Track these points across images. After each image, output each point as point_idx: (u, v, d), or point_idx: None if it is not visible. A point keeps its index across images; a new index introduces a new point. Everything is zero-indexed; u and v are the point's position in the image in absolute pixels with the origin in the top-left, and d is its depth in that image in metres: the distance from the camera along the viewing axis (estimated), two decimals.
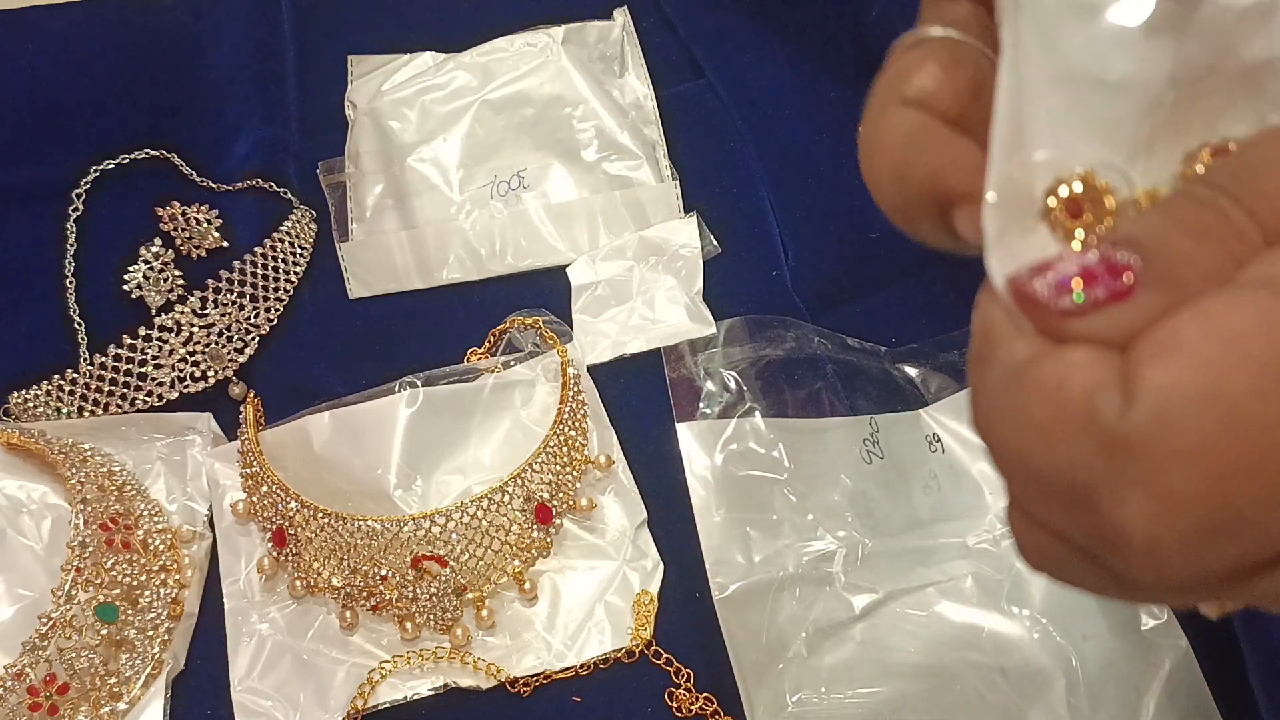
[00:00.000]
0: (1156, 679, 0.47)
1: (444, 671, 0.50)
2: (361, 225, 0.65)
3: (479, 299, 0.62)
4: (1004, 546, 0.51)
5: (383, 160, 0.66)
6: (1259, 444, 0.19)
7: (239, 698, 0.49)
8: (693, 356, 0.56)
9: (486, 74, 0.67)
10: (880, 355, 0.57)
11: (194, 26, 0.72)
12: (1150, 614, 0.49)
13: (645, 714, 0.49)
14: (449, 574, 0.50)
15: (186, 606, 0.52)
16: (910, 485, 0.53)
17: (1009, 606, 0.50)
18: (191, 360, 0.57)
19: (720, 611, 0.50)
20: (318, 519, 0.50)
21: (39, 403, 0.56)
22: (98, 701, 0.48)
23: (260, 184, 0.65)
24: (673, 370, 0.56)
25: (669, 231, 0.62)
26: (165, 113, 0.69)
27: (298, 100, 0.69)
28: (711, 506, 0.52)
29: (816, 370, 0.56)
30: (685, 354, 0.56)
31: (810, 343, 0.56)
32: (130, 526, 0.51)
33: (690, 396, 0.55)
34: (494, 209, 0.64)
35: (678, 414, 0.54)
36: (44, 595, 0.50)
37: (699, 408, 0.55)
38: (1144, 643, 0.48)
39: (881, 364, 0.57)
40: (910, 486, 0.53)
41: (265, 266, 0.60)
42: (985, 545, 0.51)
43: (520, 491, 0.51)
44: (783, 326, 0.57)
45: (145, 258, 0.61)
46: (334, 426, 0.54)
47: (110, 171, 0.66)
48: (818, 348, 0.56)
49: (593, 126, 0.66)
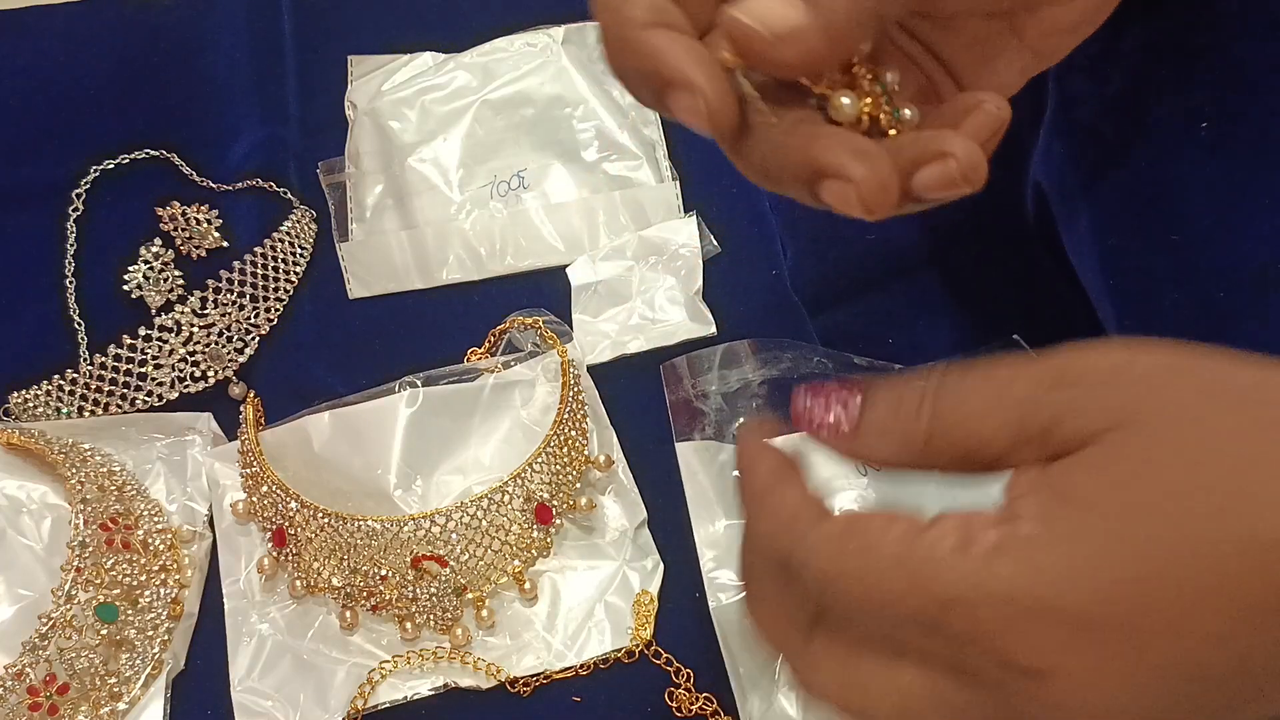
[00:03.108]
0: None
1: (444, 671, 0.50)
2: (361, 225, 0.65)
3: (479, 299, 0.62)
4: None
5: (383, 160, 0.66)
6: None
7: (239, 698, 0.49)
8: (690, 379, 0.57)
9: (486, 74, 0.67)
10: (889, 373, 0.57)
11: (194, 26, 0.72)
12: None
13: (645, 714, 0.49)
14: (449, 574, 0.50)
15: (186, 606, 0.52)
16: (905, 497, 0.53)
17: None
18: (191, 360, 0.57)
19: (717, 621, 0.50)
20: (318, 519, 0.50)
21: (39, 403, 0.56)
22: (98, 701, 0.48)
23: (260, 184, 0.65)
24: (671, 393, 0.56)
25: (669, 231, 0.62)
26: (165, 113, 0.69)
27: (298, 100, 0.69)
28: (709, 519, 0.52)
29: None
30: (684, 376, 0.57)
31: (808, 363, 0.57)
32: (130, 526, 0.51)
33: (688, 417, 0.56)
34: (494, 209, 0.64)
35: (676, 434, 0.55)
36: (44, 595, 0.50)
37: (696, 429, 0.55)
38: None
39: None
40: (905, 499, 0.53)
41: (265, 266, 0.60)
42: None
43: (520, 491, 0.51)
44: (779, 348, 0.57)
45: (145, 258, 0.61)
46: (334, 426, 0.54)
47: (110, 171, 0.66)
48: (816, 367, 0.57)
49: (593, 126, 0.66)
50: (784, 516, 0.28)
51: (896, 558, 0.26)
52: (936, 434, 0.28)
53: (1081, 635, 0.24)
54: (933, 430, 0.28)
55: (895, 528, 0.26)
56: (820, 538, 0.27)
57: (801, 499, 0.29)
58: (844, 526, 0.27)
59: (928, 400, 0.28)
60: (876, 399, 0.29)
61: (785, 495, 0.29)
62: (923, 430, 0.28)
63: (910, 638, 0.26)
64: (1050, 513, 0.25)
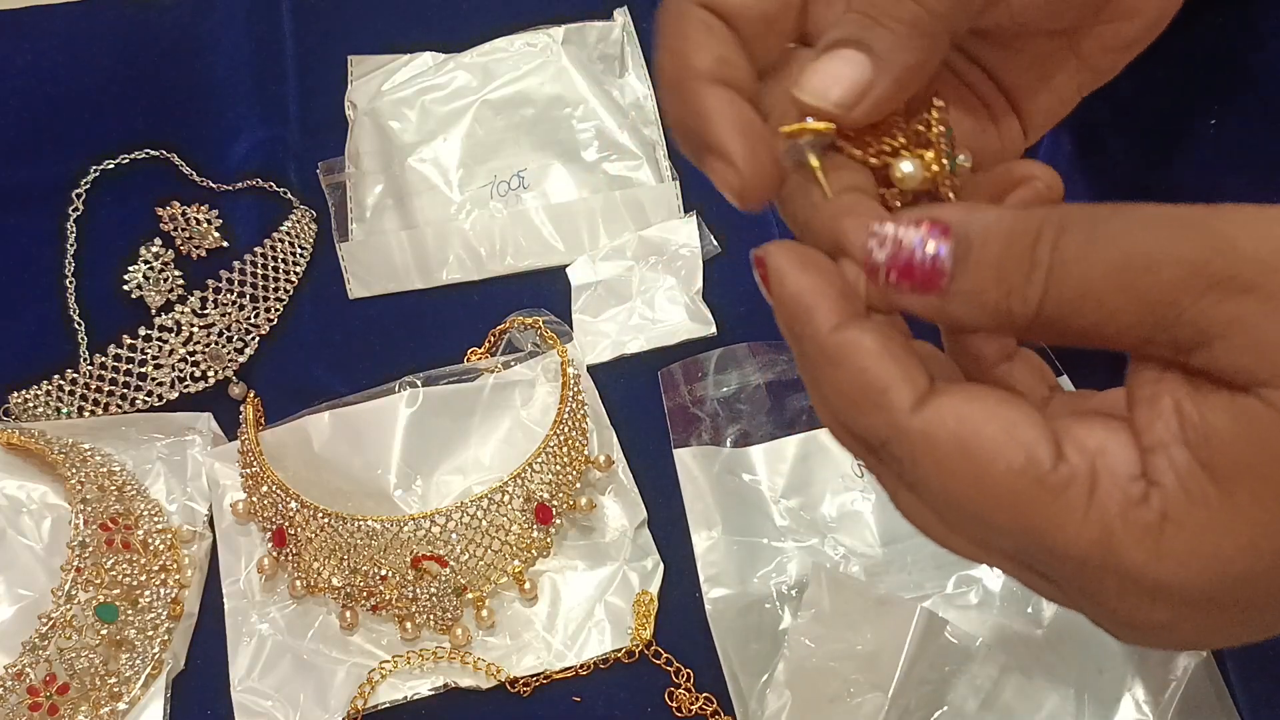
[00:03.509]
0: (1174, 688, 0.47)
1: (444, 671, 0.50)
2: (361, 225, 0.65)
3: (479, 299, 0.62)
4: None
5: (383, 160, 0.66)
6: None
7: (239, 698, 0.49)
8: (686, 385, 0.57)
9: (486, 74, 0.67)
10: None
11: (194, 26, 0.72)
12: None
13: (645, 714, 0.49)
14: (449, 574, 0.50)
15: (186, 606, 0.52)
16: None
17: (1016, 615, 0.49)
18: (191, 360, 0.57)
19: (714, 627, 0.50)
20: (318, 519, 0.50)
21: (39, 403, 0.56)
22: (98, 701, 0.48)
23: (260, 184, 0.65)
24: (669, 399, 0.56)
25: (669, 231, 0.62)
26: (165, 113, 0.69)
27: (298, 100, 0.69)
28: (707, 525, 0.52)
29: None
30: (680, 382, 0.57)
31: None
32: (130, 526, 0.51)
33: (685, 423, 0.56)
34: (494, 209, 0.64)
35: (674, 440, 0.55)
36: (44, 595, 0.50)
37: (693, 434, 0.55)
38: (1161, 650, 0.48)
39: None
40: None
41: (265, 266, 0.60)
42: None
43: (520, 491, 0.51)
44: (774, 351, 0.57)
45: (145, 258, 0.61)
46: (334, 426, 0.54)
47: (110, 171, 0.66)
48: None
49: (593, 126, 0.66)
50: (871, 390, 0.24)
51: (1014, 496, 0.23)
52: (1050, 304, 0.23)
53: (1195, 610, 0.23)
54: (1046, 299, 0.23)
55: (1013, 458, 0.23)
56: (922, 446, 0.23)
57: (889, 365, 0.24)
58: (954, 445, 0.23)
59: (1043, 258, 0.23)
60: (974, 242, 0.23)
61: (866, 357, 0.24)
62: (1034, 297, 0.23)
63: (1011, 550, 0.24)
64: (1193, 489, 0.22)
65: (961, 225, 0.23)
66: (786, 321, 0.25)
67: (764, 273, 0.26)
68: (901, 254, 0.24)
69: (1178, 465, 0.22)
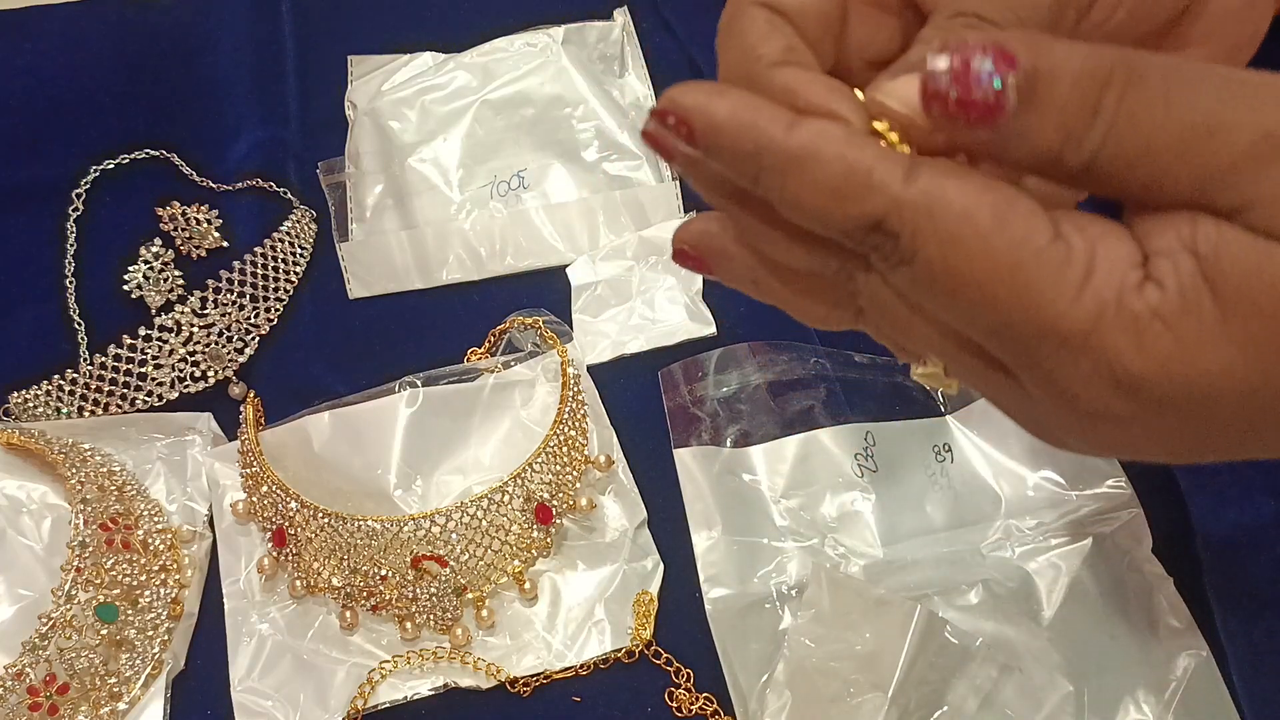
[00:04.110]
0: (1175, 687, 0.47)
1: (444, 671, 0.50)
2: (361, 225, 0.65)
3: (479, 299, 0.62)
4: (1016, 553, 0.51)
5: (383, 160, 0.66)
6: None
7: (239, 698, 0.49)
8: (687, 385, 0.57)
9: (486, 74, 0.67)
10: (892, 369, 0.57)
11: (194, 26, 0.73)
12: (1169, 621, 0.48)
13: (645, 714, 0.49)
14: (449, 574, 0.50)
15: (186, 606, 0.52)
16: (905, 497, 0.53)
17: (1017, 615, 0.49)
18: (191, 360, 0.57)
19: (714, 627, 0.50)
20: (318, 519, 0.50)
21: (39, 403, 0.56)
22: (98, 701, 0.48)
23: (260, 184, 0.65)
24: (669, 399, 0.56)
25: (669, 231, 0.62)
26: (165, 113, 0.69)
27: (298, 100, 0.69)
28: (707, 525, 0.52)
29: (809, 390, 0.56)
30: (680, 382, 0.57)
31: (805, 364, 0.57)
32: (130, 526, 0.51)
33: (685, 423, 0.56)
34: (494, 209, 0.64)
35: (674, 440, 0.55)
36: (44, 595, 0.50)
37: (693, 434, 0.55)
38: (1162, 650, 0.48)
39: (891, 377, 0.57)
40: (905, 498, 0.53)
41: (265, 266, 0.60)
42: (991, 554, 0.51)
43: (520, 491, 0.51)
44: (776, 350, 0.57)
45: (145, 258, 0.61)
46: (334, 426, 0.54)
47: (110, 171, 0.66)
48: (813, 368, 0.57)
49: (593, 127, 0.66)
50: (856, 172, 0.23)
51: (1012, 268, 0.22)
52: (1105, 159, 0.22)
53: (1154, 413, 0.23)
54: (1102, 152, 0.22)
55: (1014, 229, 0.22)
56: (924, 214, 0.22)
57: (866, 145, 0.23)
58: (957, 214, 0.22)
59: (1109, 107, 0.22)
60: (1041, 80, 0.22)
61: (838, 143, 0.23)
62: (1090, 149, 0.22)
63: (982, 338, 0.24)
64: (1190, 298, 0.22)
65: (1030, 59, 0.22)
66: (733, 148, 0.24)
67: (680, 123, 0.24)
68: (966, 83, 0.22)
69: (1181, 271, 0.22)
